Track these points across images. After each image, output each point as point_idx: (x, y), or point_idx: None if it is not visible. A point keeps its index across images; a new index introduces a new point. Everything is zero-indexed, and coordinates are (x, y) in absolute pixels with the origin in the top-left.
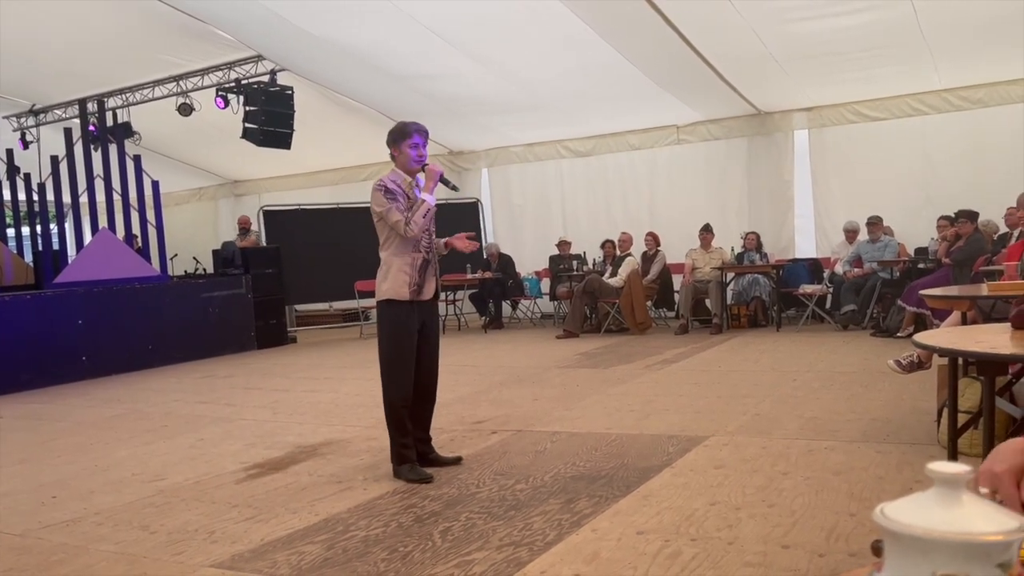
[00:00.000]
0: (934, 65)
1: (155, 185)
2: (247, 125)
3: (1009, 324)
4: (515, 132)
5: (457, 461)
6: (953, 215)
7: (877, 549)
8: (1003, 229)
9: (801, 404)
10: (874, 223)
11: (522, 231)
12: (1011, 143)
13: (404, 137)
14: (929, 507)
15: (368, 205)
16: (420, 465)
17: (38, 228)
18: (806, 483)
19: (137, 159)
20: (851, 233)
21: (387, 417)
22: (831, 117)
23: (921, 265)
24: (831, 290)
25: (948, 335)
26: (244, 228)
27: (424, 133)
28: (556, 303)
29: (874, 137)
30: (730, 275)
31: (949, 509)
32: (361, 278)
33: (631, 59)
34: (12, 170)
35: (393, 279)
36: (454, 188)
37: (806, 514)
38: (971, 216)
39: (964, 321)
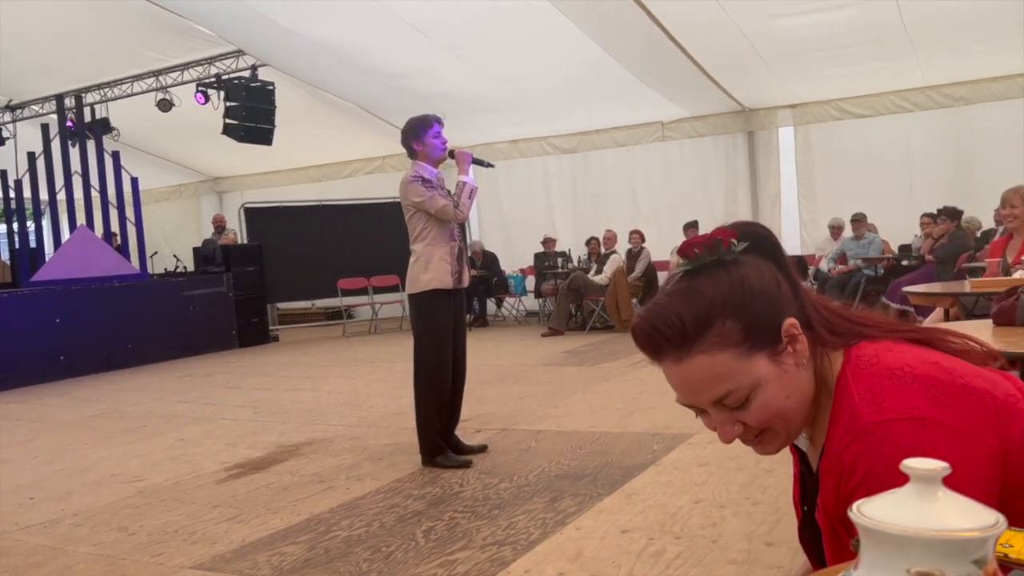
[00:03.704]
0: (917, 62)
1: (134, 182)
2: (228, 121)
3: (991, 321)
4: (499, 129)
5: (483, 449)
6: (936, 212)
7: (855, 546)
8: (988, 226)
9: None
10: (858, 220)
11: (507, 228)
12: (994, 140)
13: (427, 128)
14: (905, 504)
15: (363, 202)
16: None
17: (15, 226)
18: (790, 480)
19: (116, 155)
20: (836, 230)
21: (426, 408)
22: (816, 114)
23: (905, 262)
24: (816, 287)
25: None
26: (219, 227)
27: (442, 122)
28: (541, 301)
29: (858, 134)
30: None
31: (925, 505)
32: (344, 276)
33: (616, 55)
34: None
35: (436, 269)
36: (489, 165)
37: (790, 512)
38: (954, 213)
39: (947, 318)
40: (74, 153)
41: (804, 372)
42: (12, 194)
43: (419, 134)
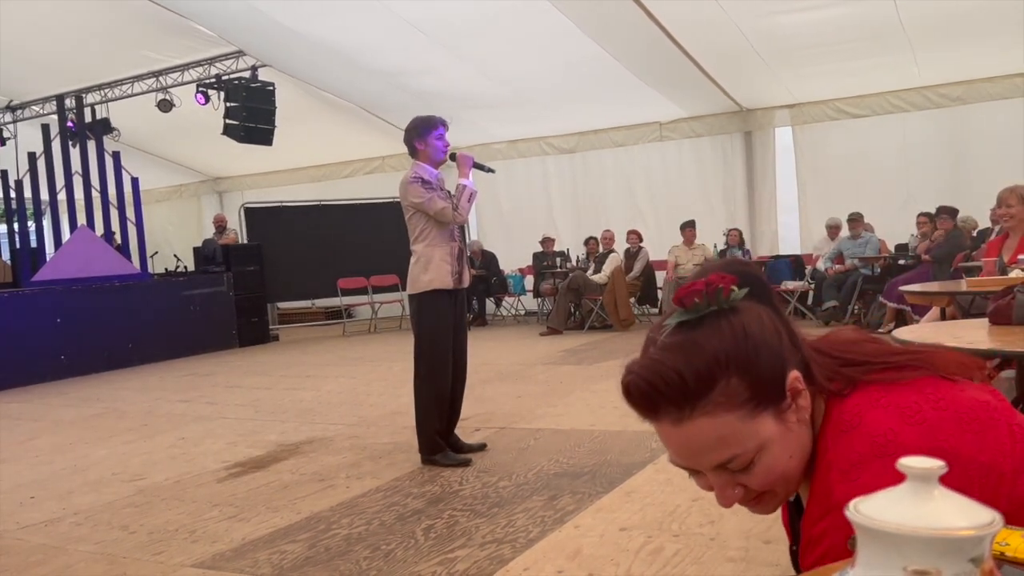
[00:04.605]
0: (914, 59)
1: (134, 182)
2: (228, 121)
3: (987, 320)
4: (498, 129)
5: (482, 448)
6: (936, 211)
7: (852, 545)
8: (984, 225)
9: None
10: (855, 220)
11: (505, 228)
12: (990, 140)
13: (431, 128)
14: (901, 502)
15: (363, 202)
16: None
17: (15, 226)
18: None
19: (116, 155)
20: (833, 229)
21: (426, 407)
22: (813, 114)
23: (902, 261)
24: (813, 286)
25: (927, 330)
26: (220, 226)
27: (447, 125)
28: (540, 300)
29: (855, 134)
30: None
31: (921, 504)
32: (343, 276)
33: (614, 54)
34: None
35: (436, 269)
36: (490, 170)
37: None
38: (951, 212)
39: (943, 317)
40: (74, 153)
41: (805, 429)
42: (13, 194)
43: (423, 133)
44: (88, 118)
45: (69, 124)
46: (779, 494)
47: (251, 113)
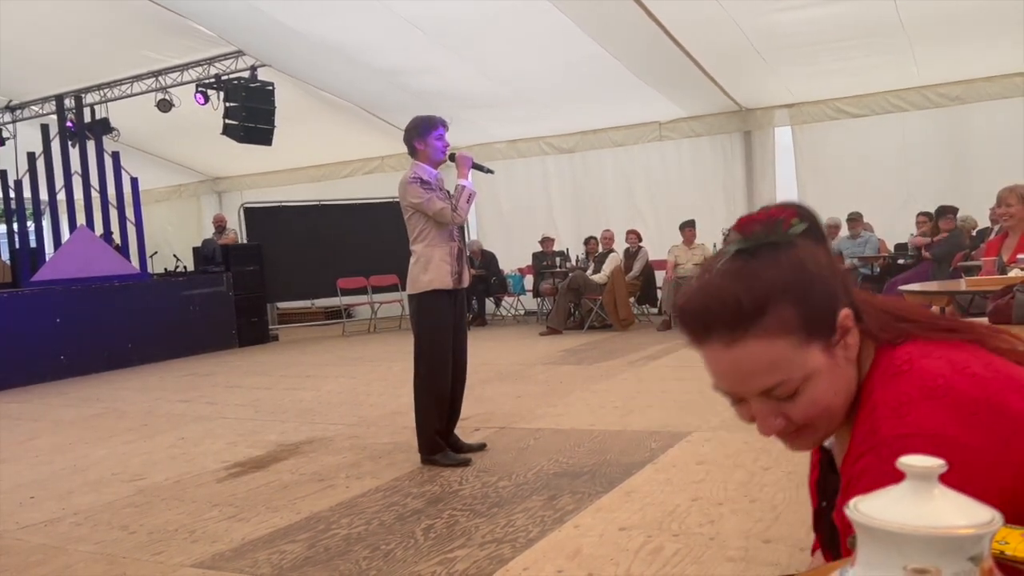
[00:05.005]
0: (914, 59)
1: (134, 182)
2: (228, 121)
3: (986, 319)
4: (498, 128)
5: (482, 447)
6: (932, 211)
7: (852, 543)
8: (984, 224)
9: None
10: (854, 219)
11: (505, 228)
12: (989, 140)
13: (432, 128)
14: (901, 501)
15: (362, 202)
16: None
17: (15, 226)
18: (788, 478)
19: (116, 155)
20: (832, 229)
21: (425, 407)
22: (812, 114)
23: (901, 261)
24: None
25: None
26: (220, 226)
27: (447, 125)
28: (539, 300)
29: (854, 134)
30: None
31: (921, 502)
32: (343, 275)
33: (614, 54)
34: None
35: (436, 270)
36: (489, 171)
37: (788, 509)
38: (953, 212)
39: None
40: (74, 153)
41: (851, 368)
42: (12, 194)
43: (423, 133)
44: (87, 118)
45: (68, 124)
46: (819, 430)
47: (250, 113)
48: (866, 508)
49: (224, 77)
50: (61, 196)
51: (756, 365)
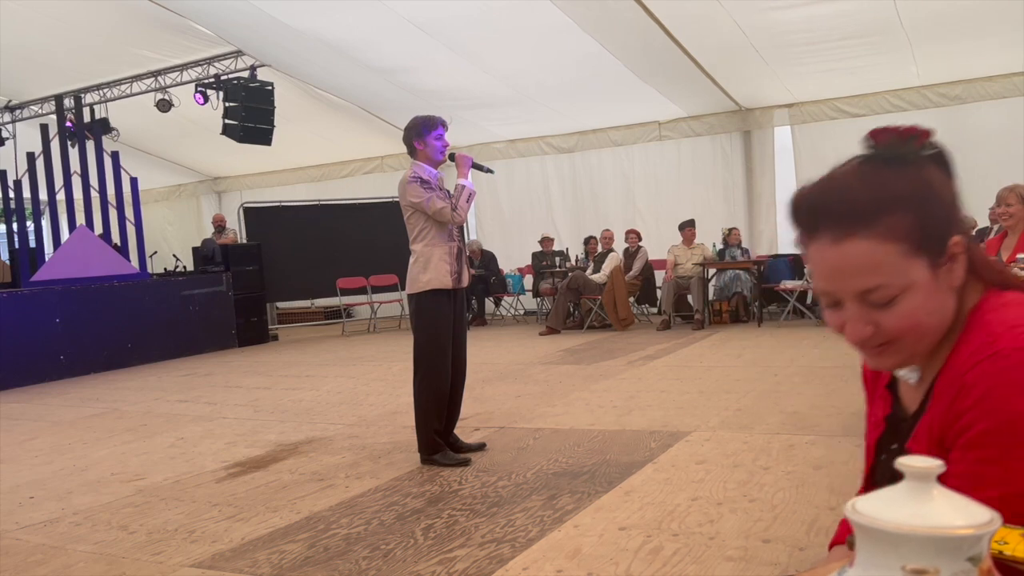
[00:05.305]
0: (913, 58)
1: (133, 182)
2: (227, 121)
3: None
4: (498, 128)
5: (482, 447)
6: None
7: (851, 543)
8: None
9: (782, 399)
10: None
11: (505, 228)
12: (989, 139)
13: (431, 128)
14: (900, 501)
15: (362, 201)
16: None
17: (15, 226)
18: (787, 477)
19: (115, 155)
20: None
21: (425, 407)
22: (812, 113)
23: None
24: (812, 285)
25: None
26: (219, 226)
27: (447, 125)
28: (539, 300)
29: (854, 133)
30: (712, 271)
31: (919, 503)
32: (343, 275)
33: (614, 52)
34: None
35: (435, 269)
36: (489, 171)
37: (787, 508)
38: None
39: None
40: (73, 153)
41: (951, 297)
42: (12, 194)
43: (423, 133)
44: (87, 118)
45: (68, 124)
46: (904, 349)
47: (250, 113)
48: (864, 508)
49: (223, 77)
50: (61, 196)
51: (860, 264)
